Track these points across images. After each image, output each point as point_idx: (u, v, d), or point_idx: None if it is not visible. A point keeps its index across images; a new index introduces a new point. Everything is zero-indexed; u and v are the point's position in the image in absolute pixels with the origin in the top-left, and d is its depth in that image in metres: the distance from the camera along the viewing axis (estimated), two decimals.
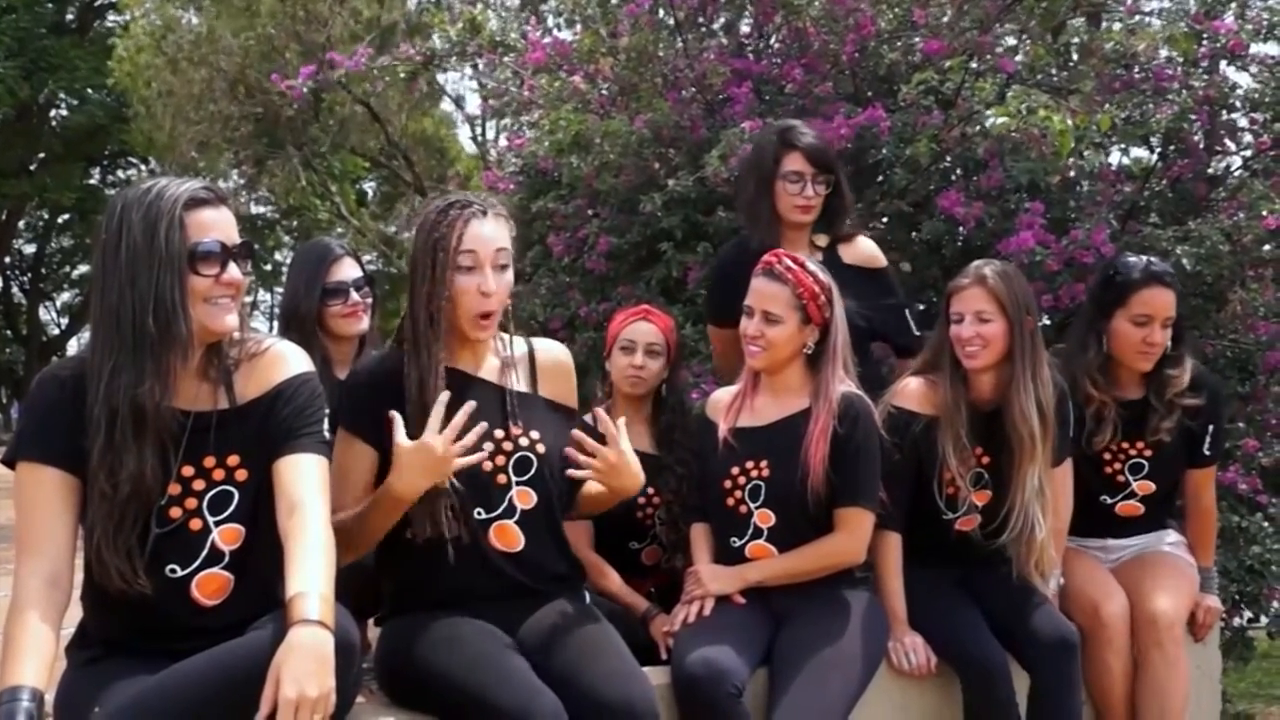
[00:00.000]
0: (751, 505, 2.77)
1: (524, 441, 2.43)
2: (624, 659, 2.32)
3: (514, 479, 2.40)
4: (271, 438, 2.09)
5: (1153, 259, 3.19)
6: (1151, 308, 3.11)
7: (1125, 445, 3.22)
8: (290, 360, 2.18)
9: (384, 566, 2.48)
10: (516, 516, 2.40)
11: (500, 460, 2.40)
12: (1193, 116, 4.17)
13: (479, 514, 2.37)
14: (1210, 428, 3.21)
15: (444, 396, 2.21)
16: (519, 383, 2.51)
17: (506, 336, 2.54)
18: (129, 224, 2.00)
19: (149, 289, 1.98)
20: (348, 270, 3.10)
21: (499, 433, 2.41)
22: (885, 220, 4.41)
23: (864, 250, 3.38)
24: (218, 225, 2.06)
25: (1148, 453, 3.21)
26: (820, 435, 2.71)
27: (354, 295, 3.09)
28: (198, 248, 2.03)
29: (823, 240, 3.32)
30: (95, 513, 1.99)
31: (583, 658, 2.28)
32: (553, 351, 2.61)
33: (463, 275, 2.34)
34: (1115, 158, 4.77)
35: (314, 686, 1.76)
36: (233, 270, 2.08)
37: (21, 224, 26.74)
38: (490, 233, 2.36)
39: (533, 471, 2.43)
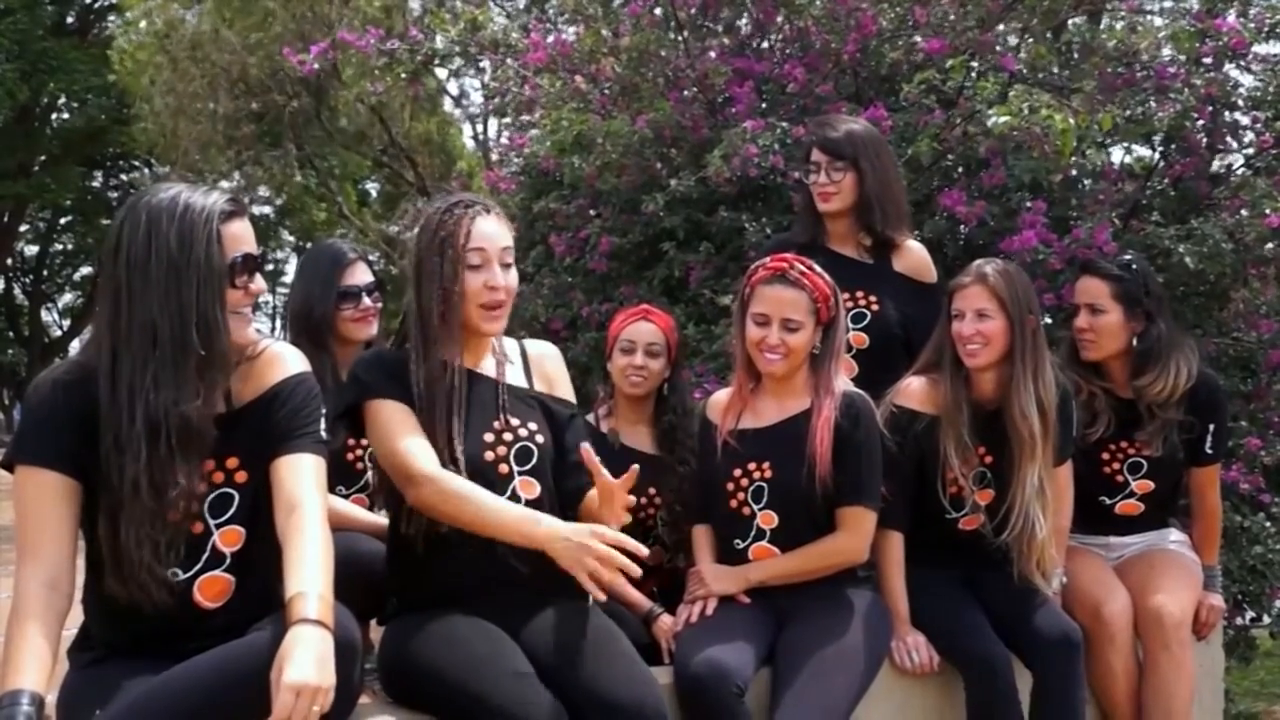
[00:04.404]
0: (754, 507, 2.76)
1: (523, 432, 2.45)
2: (633, 661, 2.33)
3: (516, 469, 2.41)
4: (269, 438, 2.09)
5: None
6: (1075, 295, 3.25)
7: (1124, 444, 3.22)
8: (286, 361, 2.19)
9: (393, 562, 2.50)
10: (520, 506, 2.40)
11: (501, 451, 2.41)
12: (1195, 115, 4.16)
13: None
14: (1211, 426, 3.21)
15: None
16: (515, 377, 2.55)
17: (501, 338, 2.58)
18: (159, 236, 1.99)
19: (190, 303, 1.99)
20: (360, 274, 3.09)
21: (497, 424, 2.44)
22: None
23: (916, 261, 3.37)
24: (246, 236, 2.09)
25: (1146, 452, 3.20)
26: (824, 426, 2.71)
27: (366, 300, 3.08)
28: (236, 261, 2.05)
29: (867, 240, 3.32)
30: (134, 530, 1.97)
31: (592, 659, 2.29)
32: (541, 348, 2.67)
33: (471, 272, 2.39)
34: (1117, 156, 4.77)
35: (316, 676, 1.76)
36: (259, 280, 2.12)
37: (23, 226, 26.73)
38: (495, 230, 2.43)
39: (534, 462, 2.44)
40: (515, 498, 2.40)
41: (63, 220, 27.83)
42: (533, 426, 2.48)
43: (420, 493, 2.29)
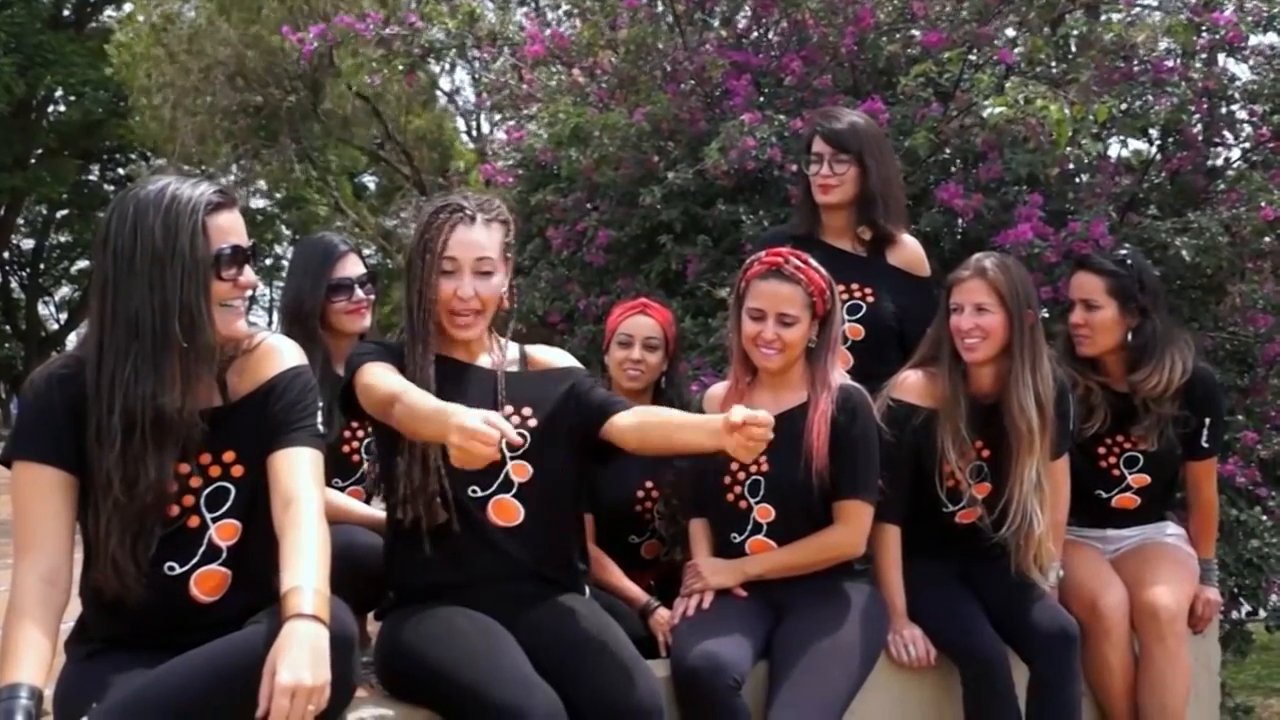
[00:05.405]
0: (751, 500, 2.77)
1: (515, 420, 2.45)
2: (629, 655, 2.33)
3: (507, 454, 2.41)
4: (266, 432, 2.09)
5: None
6: (1070, 291, 3.24)
7: (1121, 439, 3.22)
8: (283, 354, 2.19)
9: (390, 555, 2.51)
10: (514, 490, 2.42)
11: None
12: (1191, 108, 4.16)
13: (474, 491, 2.39)
14: (1207, 420, 3.21)
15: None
16: (511, 369, 2.56)
17: (501, 340, 2.59)
18: (144, 227, 1.99)
19: (174, 295, 1.98)
20: (352, 267, 3.10)
21: (490, 415, 2.43)
22: None
23: (910, 255, 3.37)
24: (234, 228, 2.09)
25: (1142, 446, 3.21)
26: (820, 420, 2.71)
27: (358, 292, 3.08)
28: (222, 253, 2.04)
29: (866, 234, 3.32)
30: (107, 521, 1.98)
31: (589, 653, 2.30)
32: (544, 348, 2.69)
33: (444, 279, 2.41)
34: (1114, 150, 4.76)
35: (310, 675, 1.76)
36: (248, 273, 2.11)
37: (20, 219, 26.69)
38: (474, 239, 2.42)
39: (527, 446, 2.44)
40: (509, 482, 2.42)
41: (59, 214, 27.78)
42: (526, 412, 2.48)
43: (394, 411, 2.25)
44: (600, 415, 2.47)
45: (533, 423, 2.48)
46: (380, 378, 2.33)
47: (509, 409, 2.47)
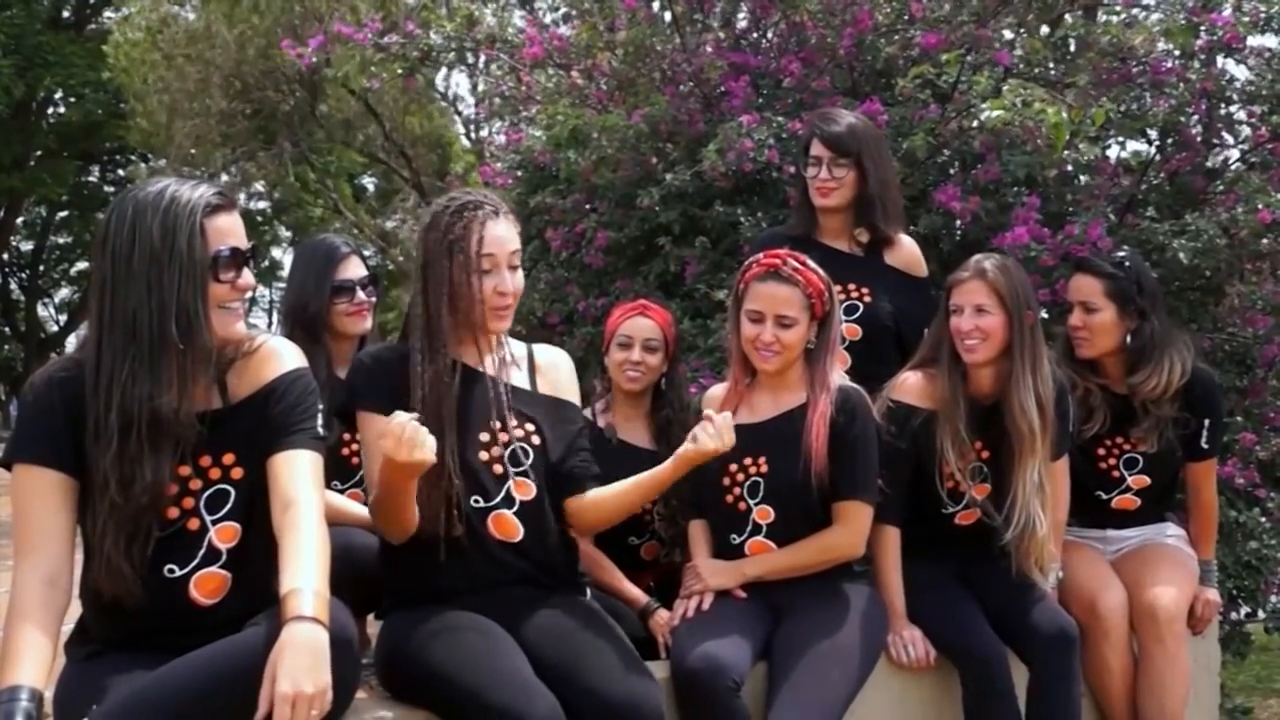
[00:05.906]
0: (750, 502, 2.77)
1: (519, 434, 2.45)
2: (629, 657, 2.33)
3: (510, 469, 2.42)
4: (266, 434, 2.09)
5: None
6: (1069, 293, 3.25)
7: (1120, 440, 3.23)
8: (283, 356, 2.18)
9: (388, 558, 2.49)
10: (515, 507, 2.42)
11: (496, 451, 2.42)
12: (1190, 109, 4.16)
13: (476, 501, 2.39)
14: (1207, 421, 3.22)
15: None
16: (518, 379, 2.54)
17: (507, 339, 2.58)
18: (143, 228, 1.99)
19: (171, 296, 1.98)
20: (355, 269, 3.10)
21: (495, 424, 2.44)
22: None
23: (907, 255, 3.39)
24: (233, 231, 2.08)
25: (1142, 447, 3.21)
26: (819, 421, 2.71)
27: (360, 294, 3.08)
28: (220, 255, 2.04)
29: (864, 236, 3.32)
30: (104, 522, 1.98)
31: (587, 655, 2.30)
32: (551, 353, 2.67)
33: (483, 277, 2.39)
34: (1113, 151, 4.76)
35: (310, 682, 1.76)
36: (247, 275, 2.10)
37: (19, 220, 26.67)
38: (505, 234, 2.43)
39: (529, 463, 2.44)
40: (510, 498, 2.41)
41: (59, 215, 27.76)
42: (529, 428, 2.48)
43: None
44: (576, 481, 2.53)
45: (536, 440, 2.47)
46: (368, 446, 2.40)
47: (512, 421, 2.46)
